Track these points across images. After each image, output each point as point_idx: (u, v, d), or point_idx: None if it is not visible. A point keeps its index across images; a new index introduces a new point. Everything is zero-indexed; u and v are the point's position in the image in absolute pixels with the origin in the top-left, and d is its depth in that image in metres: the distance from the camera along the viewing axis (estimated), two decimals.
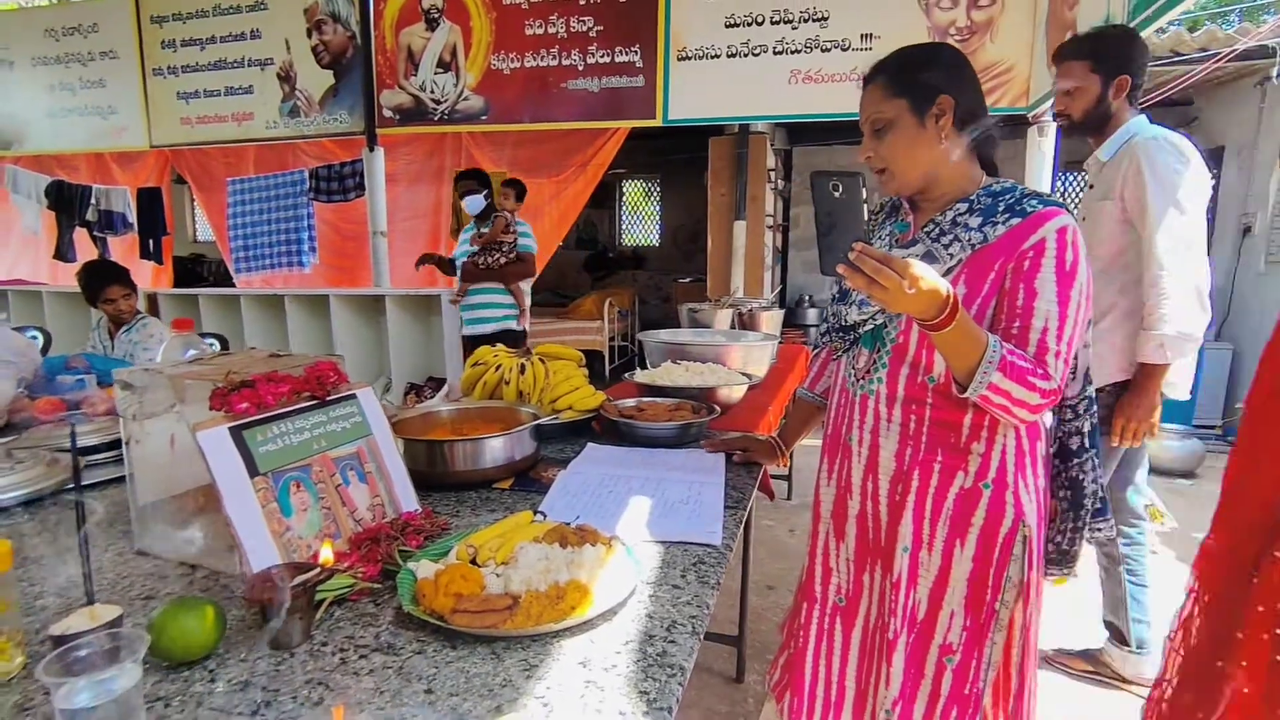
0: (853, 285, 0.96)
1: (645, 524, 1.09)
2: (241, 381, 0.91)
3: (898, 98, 1.11)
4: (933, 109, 1.11)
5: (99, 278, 2.76)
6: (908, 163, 1.13)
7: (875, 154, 1.15)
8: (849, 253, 0.95)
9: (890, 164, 1.14)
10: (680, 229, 9.05)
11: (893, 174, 1.15)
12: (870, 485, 1.20)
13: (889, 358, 1.17)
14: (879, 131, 1.13)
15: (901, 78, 1.12)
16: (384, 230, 4.82)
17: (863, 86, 1.18)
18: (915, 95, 1.10)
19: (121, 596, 0.89)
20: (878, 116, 1.13)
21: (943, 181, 1.15)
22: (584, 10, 4.18)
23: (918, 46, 1.19)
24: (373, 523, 1.02)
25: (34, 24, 5.49)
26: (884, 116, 1.12)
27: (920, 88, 1.10)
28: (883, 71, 1.14)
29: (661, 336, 2.30)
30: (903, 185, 1.16)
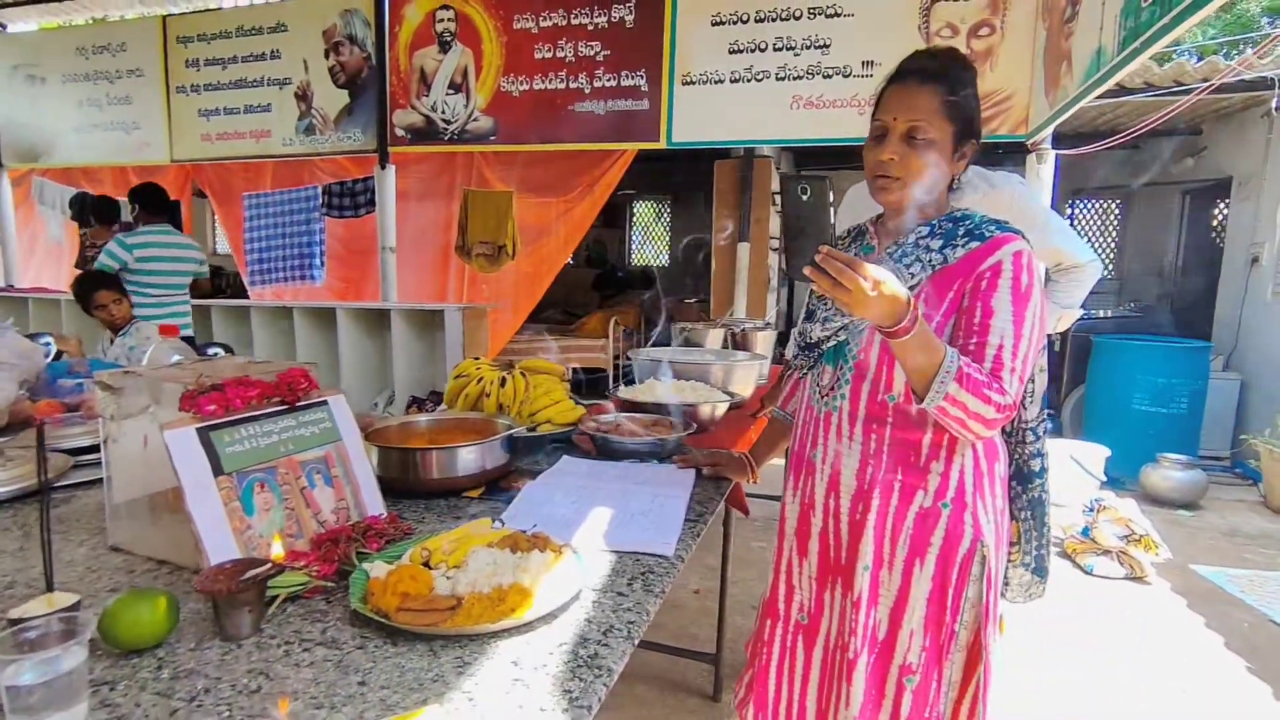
0: (818, 288, 0.97)
1: (602, 533, 1.12)
2: (211, 385, 0.95)
3: (948, 122, 1.10)
4: (964, 148, 1.14)
5: (88, 285, 2.84)
6: (925, 184, 1.12)
7: (900, 161, 1.11)
8: (815, 255, 0.97)
9: (909, 177, 1.11)
10: (688, 250, 9.11)
11: (905, 185, 1.12)
12: (832, 503, 1.22)
13: (851, 375, 1.20)
14: (913, 141, 1.09)
15: (961, 106, 1.10)
16: (393, 246, 4.91)
17: (903, 78, 1.13)
18: (962, 130, 1.12)
19: (88, 588, 0.93)
20: (921, 129, 1.08)
21: (929, 208, 1.18)
22: (592, 35, 4.28)
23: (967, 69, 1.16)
24: (336, 525, 1.06)
25: (67, 42, 5.70)
26: (928, 134, 1.09)
27: (968, 126, 1.13)
28: (941, 81, 1.09)
29: (652, 354, 2.33)
30: (905, 200, 1.14)
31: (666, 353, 2.46)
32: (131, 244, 3.59)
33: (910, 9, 3.70)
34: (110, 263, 3.52)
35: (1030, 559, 1.26)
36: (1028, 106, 3.63)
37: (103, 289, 2.89)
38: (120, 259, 3.53)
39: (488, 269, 4.98)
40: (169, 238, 3.81)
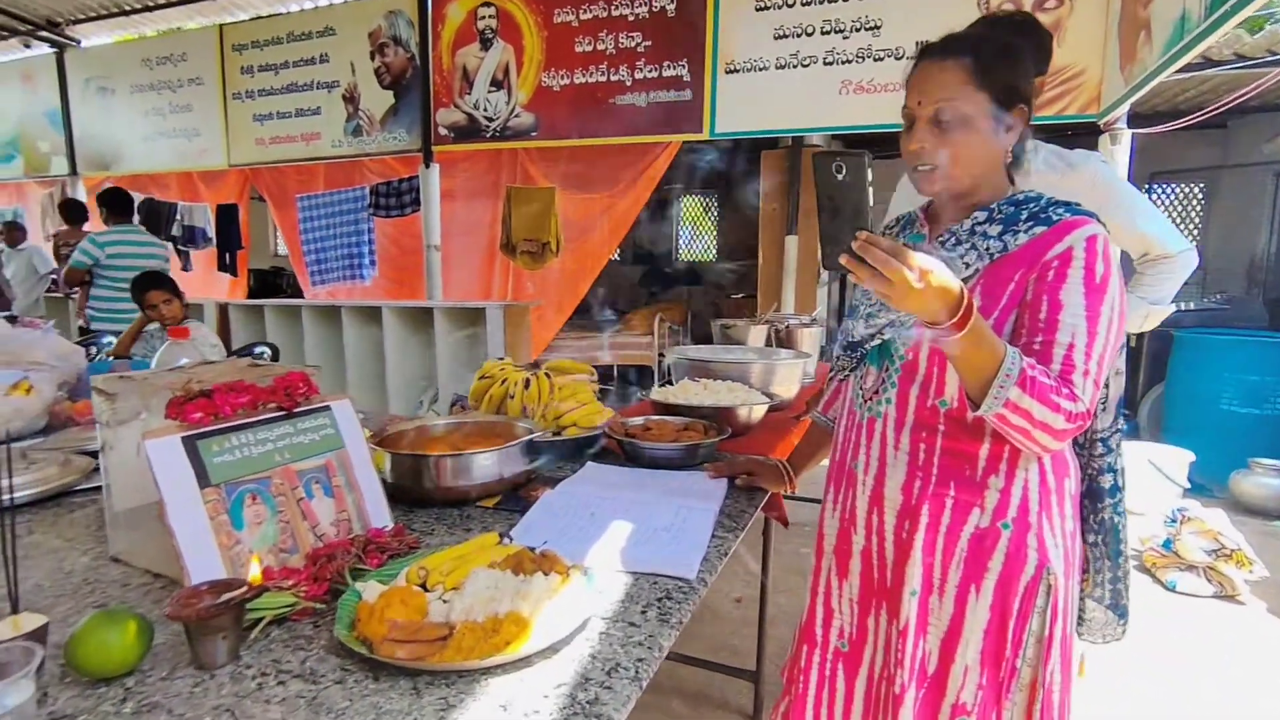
0: (856, 278, 0.85)
1: (619, 551, 1.03)
2: (199, 391, 0.90)
3: (980, 92, 0.96)
4: (1009, 117, 0.99)
5: (141, 285, 2.94)
6: (970, 165, 0.99)
7: (930, 148, 0.98)
8: (853, 242, 0.85)
9: (951, 164, 0.98)
10: (736, 244, 8.94)
11: (946, 173, 0.99)
12: (875, 519, 1.10)
13: (898, 376, 1.07)
14: (943, 123, 0.97)
15: (993, 70, 0.96)
16: (438, 244, 4.94)
17: (927, 58, 1.00)
18: (1002, 97, 0.97)
19: (78, 603, 0.89)
20: (949, 106, 0.95)
21: (982, 190, 1.04)
22: (633, 26, 4.19)
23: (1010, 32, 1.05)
24: (336, 538, 1.00)
25: (134, 55, 5.94)
26: (958, 109, 0.95)
27: (1009, 90, 0.97)
28: (969, 52, 0.96)
29: (688, 353, 2.23)
30: (951, 186, 1.01)
31: (704, 351, 2.35)
32: (103, 242, 3.94)
33: None
34: (84, 259, 3.89)
35: (1104, 591, 1.10)
36: (1100, 83, 3.36)
37: (154, 289, 2.96)
38: (93, 256, 3.89)
39: (532, 266, 4.95)
40: (136, 236, 4.14)
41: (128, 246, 4.01)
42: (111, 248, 3.96)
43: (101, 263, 3.91)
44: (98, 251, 3.92)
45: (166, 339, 3.03)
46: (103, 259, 3.92)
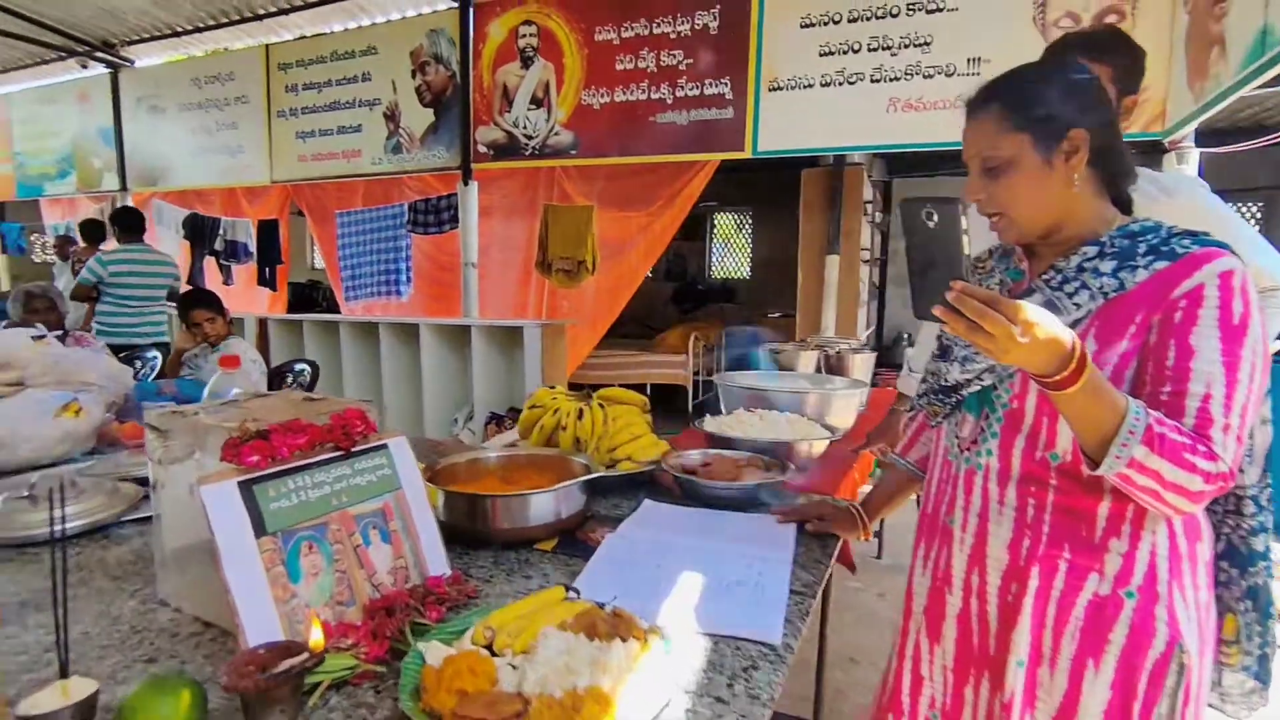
0: (952, 330, 0.79)
1: (694, 610, 0.95)
2: (256, 431, 0.85)
3: (1018, 132, 0.92)
4: (1062, 145, 0.92)
5: (186, 304, 2.97)
6: (1031, 208, 0.94)
7: (987, 196, 0.96)
8: (947, 292, 0.79)
9: (1008, 209, 0.95)
10: (771, 262, 8.83)
11: (1011, 220, 0.95)
12: (976, 580, 1.00)
13: (1000, 426, 0.98)
14: (991, 171, 0.94)
15: (1023, 108, 0.92)
16: (475, 261, 4.94)
17: (967, 115, 0.99)
18: (1042, 130, 0.91)
19: (125, 656, 0.84)
20: (990, 154, 0.94)
21: (1070, 225, 0.96)
22: (674, 44, 4.16)
23: (1039, 66, 1.00)
24: (393, 588, 0.93)
25: (183, 74, 6.09)
26: (998, 155, 0.93)
27: (1048, 121, 0.91)
28: (996, 98, 0.95)
29: (739, 380, 2.15)
30: (1024, 233, 0.97)
31: (754, 378, 2.27)
32: (106, 260, 4.20)
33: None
34: (89, 277, 4.16)
35: (1252, 660, 0.99)
36: (1164, 100, 3.22)
37: (198, 308, 2.98)
38: (96, 274, 4.15)
39: (567, 284, 4.92)
40: (143, 254, 4.35)
41: (132, 265, 4.24)
42: (114, 265, 4.19)
43: (105, 280, 4.14)
44: (101, 270, 4.15)
45: (210, 358, 3.04)
46: (105, 276, 4.14)
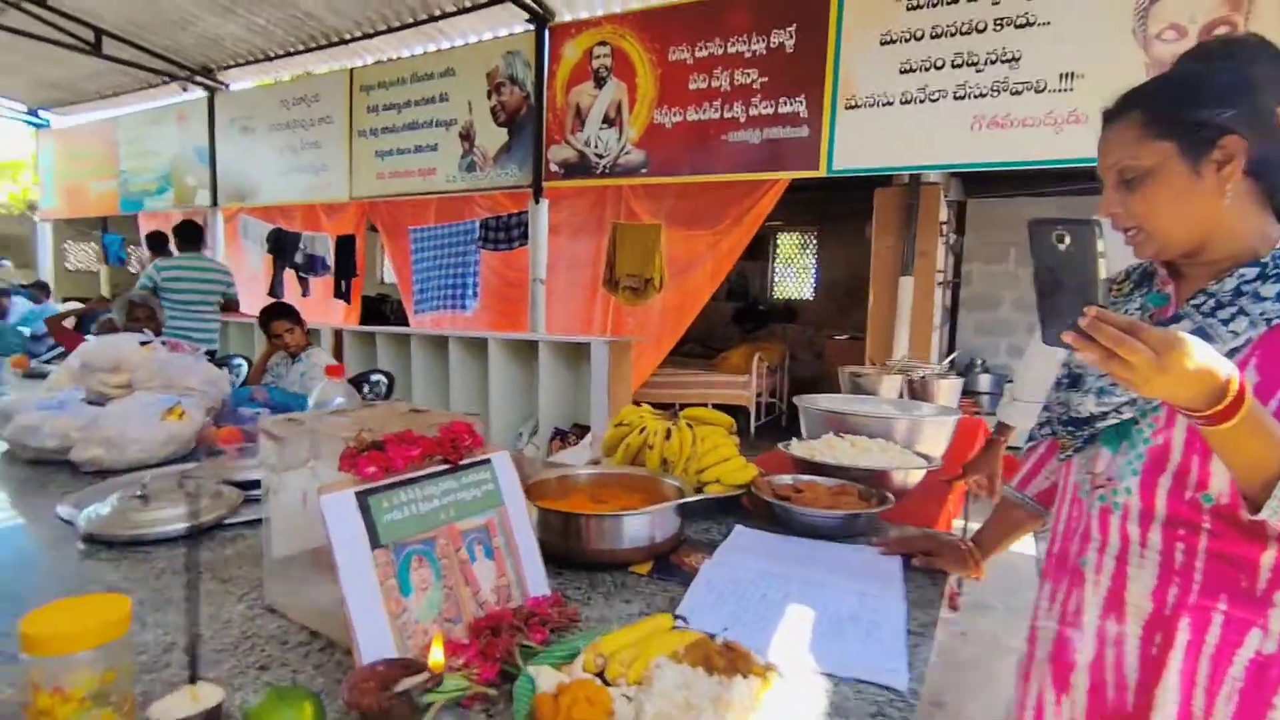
0: (1085, 359, 0.74)
1: (808, 646, 0.90)
2: (372, 442, 0.85)
3: (1161, 140, 0.85)
4: (1213, 154, 0.84)
5: (267, 316, 3.11)
6: (1173, 221, 0.87)
7: (1124, 209, 0.89)
8: (1079, 318, 0.73)
9: (1146, 222, 0.88)
10: (836, 283, 8.68)
11: (1150, 234, 0.88)
12: (1112, 628, 0.92)
13: (1142, 464, 0.90)
14: (1129, 182, 0.88)
15: (1168, 113, 0.86)
16: (543, 278, 5.00)
17: (1104, 124, 0.93)
18: (1189, 137, 0.84)
19: (239, 661, 0.84)
20: (1129, 164, 0.87)
21: (1221, 243, 0.88)
22: (749, 63, 4.14)
23: (1186, 70, 0.93)
24: (496, 606, 0.91)
25: (273, 97, 6.42)
26: (1138, 164, 0.86)
27: (1197, 127, 0.84)
28: (1137, 104, 0.89)
29: (821, 403, 2.08)
30: (1164, 247, 0.89)
31: (838, 401, 2.20)
32: (161, 267, 4.56)
33: (1122, 10, 3.22)
34: (146, 283, 4.50)
35: None
36: None
37: (278, 319, 3.10)
38: (152, 279, 4.50)
39: (634, 301, 4.93)
40: (198, 263, 4.70)
41: (185, 273, 4.58)
42: (168, 273, 4.54)
43: (160, 285, 4.47)
44: (156, 275, 4.51)
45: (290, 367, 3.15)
46: (160, 282, 4.48)
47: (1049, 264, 0.78)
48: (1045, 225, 0.78)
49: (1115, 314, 0.71)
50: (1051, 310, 0.77)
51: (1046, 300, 0.78)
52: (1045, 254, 0.78)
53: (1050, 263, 0.78)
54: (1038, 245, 0.79)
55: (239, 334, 5.93)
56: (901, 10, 3.70)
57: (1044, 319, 0.78)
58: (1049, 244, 0.78)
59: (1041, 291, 0.79)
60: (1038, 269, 0.79)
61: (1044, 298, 0.79)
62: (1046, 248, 0.78)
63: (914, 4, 3.68)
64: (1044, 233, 0.78)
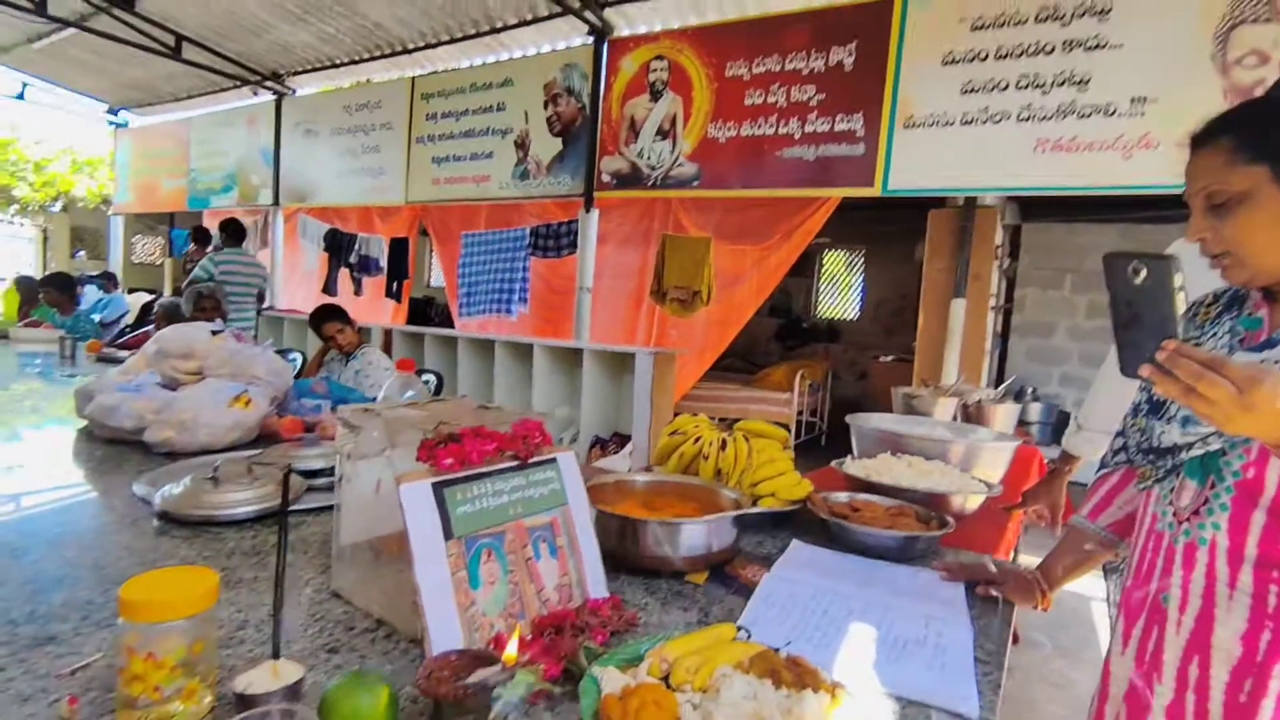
0: (1163, 392, 0.71)
1: (872, 666, 0.88)
2: (449, 435, 0.86)
3: (1255, 164, 0.82)
4: None
5: (319, 317, 3.22)
6: (1266, 247, 0.84)
7: (1214, 235, 0.86)
8: (1158, 351, 0.71)
9: (1238, 248, 0.85)
10: (882, 304, 8.54)
11: (1242, 260, 0.85)
12: (1195, 672, 0.88)
13: (1230, 498, 0.86)
14: (1219, 207, 0.85)
15: (1262, 137, 0.83)
16: (589, 286, 5.04)
17: (1192, 149, 0.91)
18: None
19: (309, 644, 0.86)
20: (1219, 188, 0.85)
21: None
22: (807, 79, 4.13)
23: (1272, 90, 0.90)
24: (558, 605, 0.92)
25: (337, 102, 6.64)
26: (1229, 189, 0.84)
27: None
28: (1228, 129, 0.86)
29: (874, 422, 2.05)
30: (1258, 274, 0.86)
31: (892, 421, 2.16)
32: (218, 260, 5.13)
33: (1200, 34, 3.12)
34: (202, 274, 5.01)
35: None
36: None
37: (330, 320, 3.19)
38: (209, 271, 5.02)
39: (681, 314, 4.94)
40: (244, 258, 5.35)
41: (235, 266, 5.18)
42: (223, 265, 5.11)
43: (215, 277, 4.97)
44: (213, 268, 5.05)
45: (344, 365, 3.23)
46: (216, 274, 4.99)
47: (1126, 298, 0.77)
48: (1121, 259, 0.77)
49: (1195, 349, 0.69)
50: (1129, 343, 0.77)
51: (1124, 333, 0.77)
52: (1121, 288, 0.77)
53: (1127, 296, 0.77)
54: (1114, 279, 0.78)
55: (293, 329, 6.12)
56: (965, 30, 3.65)
57: (1121, 352, 0.78)
58: (1125, 277, 0.77)
59: (1119, 324, 0.78)
60: (1114, 301, 0.78)
61: (1121, 330, 0.78)
62: (1122, 281, 0.77)
63: (979, 24, 3.63)
64: (1120, 266, 0.77)
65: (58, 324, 4.52)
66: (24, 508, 1.32)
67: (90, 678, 0.75)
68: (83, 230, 13.07)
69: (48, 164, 13.22)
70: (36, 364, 3.20)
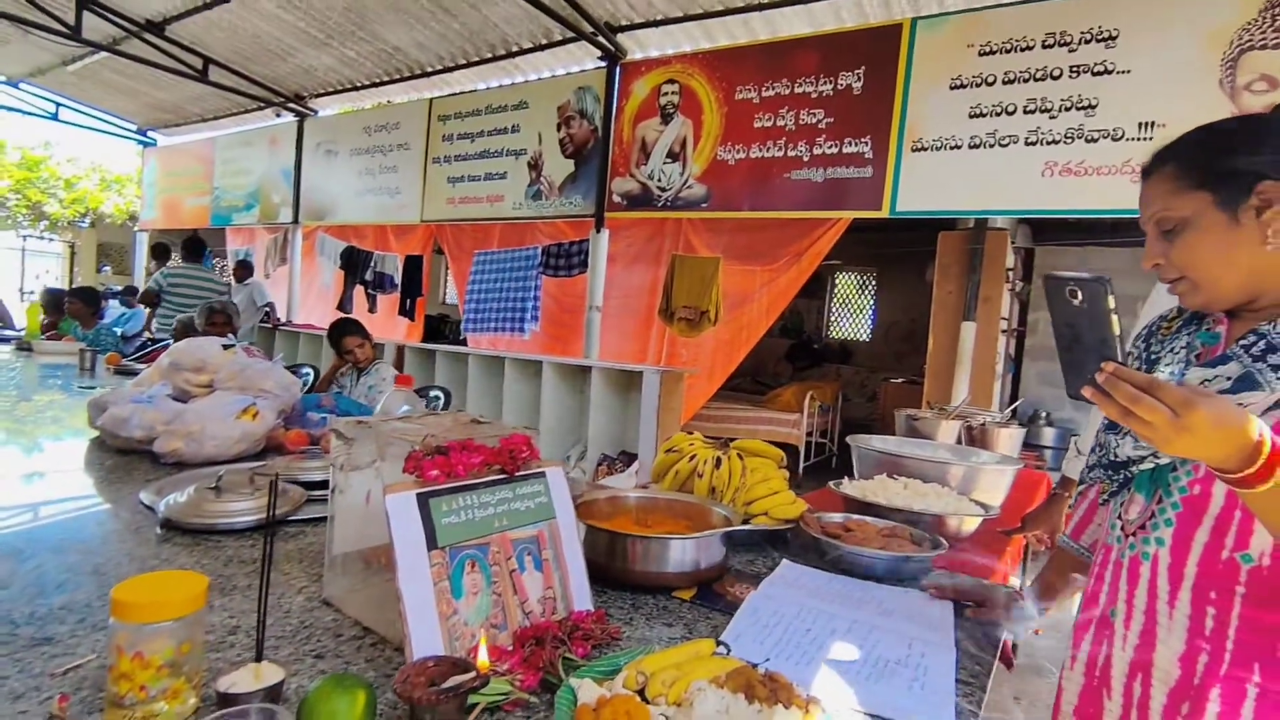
0: (1104, 413, 0.73)
1: (851, 685, 0.88)
2: (436, 447, 0.88)
3: (1196, 190, 0.85)
4: (1250, 200, 0.82)
5: (338, 331, 3.27)
6: (1217, 270, 0.85)
7: (1166, 260, 0.88)
8: (1097, 373, 0.72)
9: (1190, 271, 0.87)
10: (894, 326, 8.52)
11: (1196, 284, 0.87)
12: (1138, 689, 0.88)
13: (1176, 514, 0.87)
14: (1169, 233, 0.87)
15: (1200, 164, 0.86)
16: (599, 305, 5.08)
17: (1142, 178, 0.93)
18: (1224, 185, 0.83)
19: (296, 649, 0.88)
20: (1166, 214, 0.87)
21: (1275, 290, 0.85)
22: (815, 103, 4.18)
23: (1222, 122, 0.92)
24: (541, 618, 0.93)
25: (356, 123, 6.80)
26: (1174, 214, 0.86)
27: (1230, 176, 0.83)
28: (1171, 157, 0.89)
29: (874, 443, 2.05)
30: (1212, 298, 0.88)
31: (893, 443, 2.16)
32: (166, 273, 5.70)
33: (1209, 59, 3.13)
34: (152, 285, 5.63)
35: None
36: None
37: (348, 335, 3.24)
38: (159, 283, 5.60)
39: (688, 333, 4.95)
40: (197, 272, 5.82)
41: (185, 280, 5.64)
42: (171, 279, 5.62)
43: (164, 289, 5.52)
44: (162, 280, 5.59)
45: (357, 380, 3.28)
46: (165, 285, 5.54)
47: (1066, 319, 0.79)
48: (1058, 281, 0.79)
49: (1132, 371, 0.70)
50: (1071, 365, 0.78)
51: (1066, 354, 0.79)
52: (1060, 309, 0.79)
53: (1066, 318, 0.79)
54: (1053, 300, 0.80)
55: (307, 344, 6.21)
56: (973, 56, 3.68)
57: (1065, 372, 0.79)
58: (1063, 299, 0.79)
59: (1061, 345, 0.80)
60: (1056, 323, 0.80)
61: (1064, 352, 0.79)
62: (1061, 303, 0.79)
63: (986, 49, 3.66)
64: (1057, 289, 0.79)
65: (80, 337, 4.63)
66: (35, 516, 1.36)
67: (82, 677, 0.77)
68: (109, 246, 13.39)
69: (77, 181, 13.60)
70: (58, 376, 3.28)
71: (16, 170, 13.06)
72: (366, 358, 3.31)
